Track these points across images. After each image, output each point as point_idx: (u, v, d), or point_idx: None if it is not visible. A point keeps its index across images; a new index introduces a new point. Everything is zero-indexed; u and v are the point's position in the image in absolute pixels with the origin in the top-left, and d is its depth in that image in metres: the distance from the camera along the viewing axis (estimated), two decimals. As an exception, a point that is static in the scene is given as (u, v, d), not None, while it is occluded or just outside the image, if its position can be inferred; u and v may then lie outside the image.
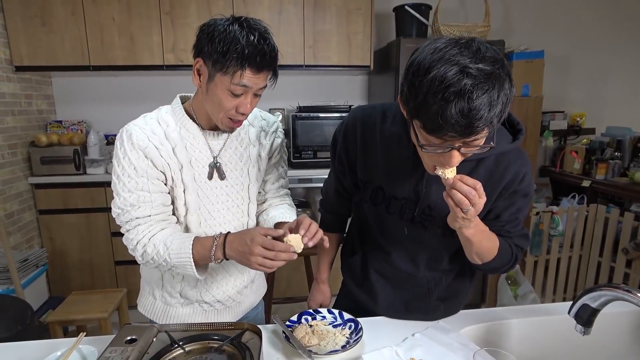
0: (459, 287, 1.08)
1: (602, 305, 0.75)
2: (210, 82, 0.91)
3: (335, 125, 2.78)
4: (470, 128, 0.67)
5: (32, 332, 1.74)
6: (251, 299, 1.20)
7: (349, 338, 0.95)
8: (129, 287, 2.45)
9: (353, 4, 2.71)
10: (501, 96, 0.68)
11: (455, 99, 0.65)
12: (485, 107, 0.66)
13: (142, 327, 0.89)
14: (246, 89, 0.90)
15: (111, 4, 2.51)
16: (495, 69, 0.67)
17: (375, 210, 1.02)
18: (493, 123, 0.69)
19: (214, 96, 0.91)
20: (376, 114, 0.98)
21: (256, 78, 0.89)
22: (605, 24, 3.36)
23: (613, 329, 1.08)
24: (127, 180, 0.94)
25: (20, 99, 2.55)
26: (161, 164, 0.96)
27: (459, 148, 0.73)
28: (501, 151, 0.88)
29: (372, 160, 0.99)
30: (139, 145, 0.93)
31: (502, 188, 0.90)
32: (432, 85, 0.67)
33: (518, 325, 1.05)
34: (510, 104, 0.71)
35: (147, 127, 0.96)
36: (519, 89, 2.71)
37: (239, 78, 0.87)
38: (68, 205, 2.57)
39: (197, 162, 1.00)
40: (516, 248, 0.97)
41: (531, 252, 2.82)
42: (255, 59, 0.86)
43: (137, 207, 0.94)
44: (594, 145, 3.01)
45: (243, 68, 0.86)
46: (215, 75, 0.89)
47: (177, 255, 0.93)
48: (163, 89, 3.03)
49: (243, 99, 0.91)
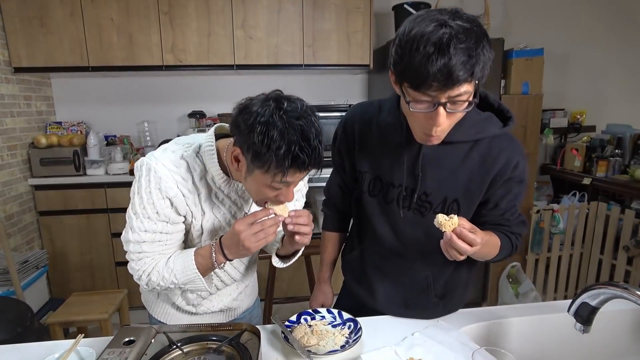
0: (458, 284, 1.08)
1: (601, 303, 0.75)
2: (249, 175, 0.83)
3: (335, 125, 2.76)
4: (451, 77, 0.71)
5: (32, 334, 1.74)
6: (246, 302, 1.20)
7: (348, 338, 0.95)
8: (129, 288, 2.45)
9: (352, 2, 2.70)
10: (479, 50, 0.72)
11: (435, 49, 0.70)
12: (463, 56, 0.71)
13: (140, 328, 0.89)
14: (288, 184, 0.84)
15: (110, 5, 2.51)
16: (473, 26, 0.73)
17: (374, 201, 1.03)
18: (474, 75, 0.73)
19: (251, 186, 0.86)
20: (373, 108, 1.03)
21: (300, 176, 0.83)
22: (605, 21, 3.35)
23: (613, 327, 1.08)
24: (147, 221, 0.89)
25: (20, 101, 2.55)
26: (185, 211, 0.93)
27: (445, 104, 0.76)
28: (493, 134, 0.91)
29: (370, 150, 1.02)
30: (167, 193, 0.88)
31: (496, 174, 0.92)
32: (414, 40, 0.72)
33: (518, 324, 1.04)
34: (490, 67, 0.76)
35: (177, 170, 0.89)
36: (519, 87, 2.71)
37: (281, 177, 0.80)
38: (68, 206, 2.58)
39: (222, 212, 0.98)
40: (515, 237, 0.99)
41: (532, 250, 2.82)
42: (297, 160, 0.77)
43: (150, 244, 0.92)
44: (595, 142, 3.00)
45: (285, 172, 0.79)
46: (254, 170, 0.81)
47: (183, 274, 0.92)
48: (162, 89, 3.03)
49: (284, 190, 0.85)
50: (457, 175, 0.93)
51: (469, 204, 0.95)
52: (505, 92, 2.72)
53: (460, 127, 0.88)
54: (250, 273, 1.18)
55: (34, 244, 2.59)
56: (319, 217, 2.84)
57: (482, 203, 0.96)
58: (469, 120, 0.89)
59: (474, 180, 0.93)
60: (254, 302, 1.24)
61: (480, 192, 0.93)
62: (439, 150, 0.92)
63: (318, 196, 2.87)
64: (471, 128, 0.90)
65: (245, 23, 2.62)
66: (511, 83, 2.70)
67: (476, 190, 0.93)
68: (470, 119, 0.89)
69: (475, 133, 0.90)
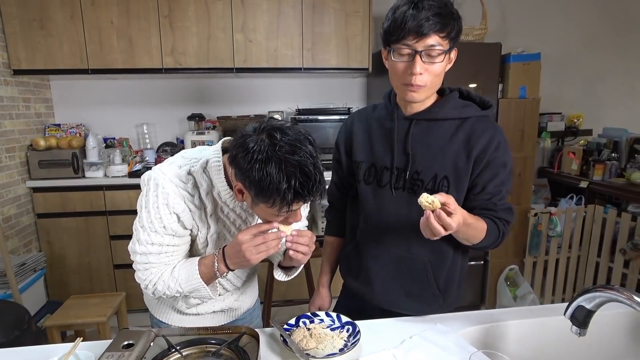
0: (454, 275, 1.09)
1: (597, 306, 0.76)
2: (255, 205, 0.85)
3: (333, 128, 2.82)
4: (423, 27, 0.87)
5: (29, 337, 1.73)
6: (247, 303, 1.20)
7: (347, 341, 0.95)
8: (127, 290, 2.44)
9: (351, 7, 2.72)
10: (448, 10, 0.89)
11: (409, 6, 0.88)
12: (433, 10, 0.87)
13: (139, 331, 0.89)
14: (294, 211, 0.85)
15: (110, 8, 2.52)
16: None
17: (368, 188, 1.09)
18: (445, 30, 0.89)
19: (260, 213, 0.87)
20: (369, 108, 1.17)
21: (302, 204, 0.84)
22: (602, 25, 3.37)
23: (610, 330, 1.09)
24: (154, 235, 0.91)
25: (19, 103, 2.55)
26: (191, 225, 0.94)
27: (421, 53, 0.90)
28: (476, 115, 1.01)
29: (365, 141, 1.11)
30: (175, 209, 0.90)
31: (480, 151, 0.98)
32: (396, 4, 0.91)
33: (516, 327, 1.05)
34: (459, 34, 0.93)
35: (184, 187, 0.91)
36: (517, 91, 2.72)
37: (286, 210, 0.81)
38: (66, 208, 2.57)
39: (228, 226, 1.00)
40: (502, 223, 1.01)
41: (530, 253, 2.83)
42: (299, 195, 0.79)
43: (157, 255, 0.93)
44: (591, 146, 3.01)
45: (289, 206, 0.80)
46: (259, 203, 0.82)
47: (188, 283, 0.93)
48: (162, 92, 3.04)
49: (292, 214, 0.86)
50: (445, 153, 1.00)
51: (458, 180, 1.00)
52: (503, 96, 2.73)
53: (444, 106, 1.01)
54: (251, 280, 1.19)
55: (31, 247, 2.59)
56: (317, 220, 2.85)
57: (471, 187, 1.01)
58: (452, 103, 1.02)
59: (460, 157, 0.99)
60: (255, 303, 1.25)
61: (467, 169, 0.99)
62: (427, 130, 1.02)
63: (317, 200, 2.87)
64: (454, 109, 1.01)
65: (245, 26, 2.63)
66: (509, 87, 2.71)
67: (463, 167, 0.99)
68: (454, 101, 1.03)
69: (459, 112, 1.01)
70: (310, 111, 2.84)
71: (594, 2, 3.33)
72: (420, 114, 1.02)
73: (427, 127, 1.02)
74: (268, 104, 3.12)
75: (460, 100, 1.04)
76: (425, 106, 1.02)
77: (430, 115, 1.01)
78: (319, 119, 2.80)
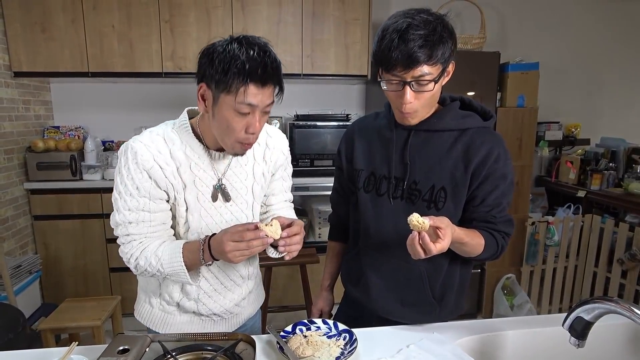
0: (452, 286, 1.09)
1: (595, 318, 0.76)
2: (215, 105, 0.89)
3: (332, 134, 2.83)
4: (410, 59, 0.86)
5: (23, 340, 1.71)
6: (249, 310, 1.19)
7: (344, 349, 0.94)
8: (123, 294, 2.43)
9: (351, 14, 2.74)
10: (436, 38, 0.86)
11: (397, 34, 0.86)
12: (420, 41, 0.85)
13: (134, 337, 0.88)
14: (252, 107, 0.87)
15: (111, 12, 2.53)
16: (434, 19, 0.88)
17: (367, 197, 1.09)
18: (433, 58, 0.86)
19: (221, 119, 0.89)
20: (370, 116, 1.18)
21: (261, 94, 0.87)
22: (600, 35, 3.41)
23: (608, 341, 1.08)
24: (129, 199, 0.93)
25: (18, 105, 2.55)
26: (164, 184, 0.95)
27: (410, 83, 0.90)
28: (476, 126, 1.01)
29: (366, 149, 1.11)
30: (144, 166, 0.92)
31: (478, 164, 0.97)
32: (383, 31, 0.90)
33: (513, 337, 1.05)
34: (454, 52, 0.91)
35: (152, 145, 0.94)
36: (515, 100, 2.74)
37: (244, 95, 0.85)
38: (63, 211, 2.56)
39: (200, 182, 1.00)
40: (501, 236, 1.01)
41: (527, 262, 2.83)
42: (257, 72, 0.84)
43: (135, 225, 0.95)
44: (589, 155, 3.03)
45: (246, 83, 0.84)
46: (219, 96, 0.87)
47: (170, 265, 0.94)
48: (161, 96, 3.04)
49: (251, 117, 0.89)
50: (442, 164, 1.00)
51: (455, 192, 0.99)
52: (501, 105, 2.75)
53: (443, 118, 1.00)
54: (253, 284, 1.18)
55: (27, 249, 2.57)
56: (314, 226, 2.85)
57: (470, 199, 1.00)
58: (452, 113, 1.01)
59: (458, 168, 0.99)
60: (256, 313, 1.23)
61: (465, 181, 0.98)
62: (425, 140, 1.02)
63: (315, 204, 2.87)
64: (453, 120, 1.01)
65: (245, 32, 2.62)
66: (507, 96, 2.73)
67: (461, 179, 0.98)
68: (454, 112, 1.02)
69: (457, 124, 1.01)
70: (309, 117, 2.85)
71: (592, 12, 3.37)
72: (419, 125, 1.02)
73: (426, 138, 1.02)
74: (267, 109, 3.12)
75: (460, 111, 1.03)
76: (424, 117, 1.01)
77: (428, 126, 1.01)
78: (318, 125, 2.81)
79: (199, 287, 1.05)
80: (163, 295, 1.07)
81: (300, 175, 2.76)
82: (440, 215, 0.92)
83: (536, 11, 3.29)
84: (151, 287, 1.08)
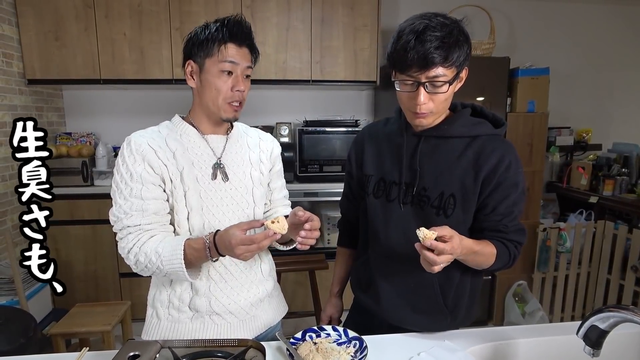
0: (464, 295, 1.08)
1: (611, 326, 0.74)
2: (202, 73, 0.99)
3: (341, 140, 2.83)
4: (426, 60, 0.86)
5: (34, 345, 1.73)
6: (269, 315, 1.15)
7: (354, 356, 0.94)
8: (133, 299, 2.44)
9: (360, 20, 2.75)
10: (452, 40, 0.87)
11: (413, 37, 0.87)
12: (437, 42, 0.86)
13: (145, 342, 0.89)
14: (234, 65, 0.98)
15: (123, 20, 2.57)
16: (451, 23, 0.89)
17: (377, 202, 1.09)
18: (449, 60, 0.87)
19: (209, 85, 0.98)
20: (380, 122, 1.17)
21: (240, 54, 0.98)
22: (611, 40, 3.37)
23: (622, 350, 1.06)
24: (124, 186, 0.97)
25: (31, 111, 2.60)
26: (158, 166, 0.97)
27: (424, 84, 0.90)
28: (487, 133, 1.00)
29: (375, 155, 1.11)
30: (137, 149, 0.97)
31: (489, 172, 0.96)
32: (399, 32, 0.91)
33: (525, 345, 1.03)
34: (469, 57, 0.92)
35: (147, 134, 1.01)
36: (525, 105, 2.72)
37: (225, 53, 0.96)
38: (75, 216, 2.59)
39: (199, 163, 1.03)
40: (513, 245, 1.00)
41: (539, 269, 2.79)
42: (233, 30, 0.97)
43: (130, 216, 0.96)
44: (601, 161, 2.99)
45: (225, 42, 0.96)
46: (204, 63, 0.98)
47: (170, 262, 0.93)
48: (171, 103, 3.08)
49: (234, 78, 0.99)
50: (452, 171, 0.99)
51: (465, 199, 0.98)
52: (511, 110, 2.73)
53: (454, 124, 1.00)
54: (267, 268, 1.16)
55: (39, 254, 2.60)
56: (323, 232, 2.84)
57: (481, 208, 0.99)
58: (462, 120, 1.01)
59: (468, 176, 0.98)
60: (278, 323, 1.19)
61: (475, 189, 0.97)
62: (436, 146, 1.01)
63: (324, 210, 2.87)
64: (464, 127, 1.00)
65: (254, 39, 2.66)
66: (517, 101, 2.71)
67: (471, 186, 0.97)
68: (465, 119, 1.01)
69: (468, 130, 1.00)
70: (318, 123, 2.86)
71: (602, 17, 3.34)
72: (430, 131, 1.01)
73: (436, 144, 1.01)
74: (276, 115, 3.14)
75: (471, 118, 1.02)
76: (435, 123, 1.01)
77: (439, 132, 1.01)
78: (327, 131, 2.82)
79: (209, 278, 1.03)
80: (172, 302, 1.04)
81: (309, 181, 2.76)
82: (449, 222, 0.92)
83: (546, 16, 3.27)
84: (161, 297, 1.06)
